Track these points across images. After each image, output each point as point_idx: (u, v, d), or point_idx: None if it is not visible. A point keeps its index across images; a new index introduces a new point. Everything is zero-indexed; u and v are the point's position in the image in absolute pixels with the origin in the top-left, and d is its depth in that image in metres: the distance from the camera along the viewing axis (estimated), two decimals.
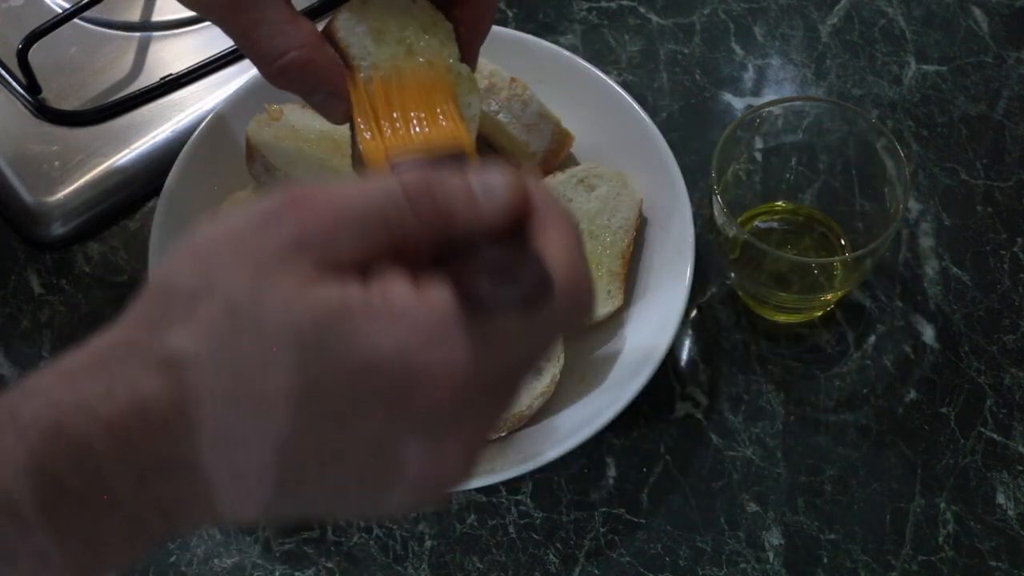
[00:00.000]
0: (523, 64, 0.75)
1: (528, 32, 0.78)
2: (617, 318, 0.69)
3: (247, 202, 0.36)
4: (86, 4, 0.79)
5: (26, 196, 0.75)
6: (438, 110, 0.51)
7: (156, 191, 0.72)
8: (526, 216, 0.37)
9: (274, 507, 0.36)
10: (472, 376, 0.34)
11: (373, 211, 0.35)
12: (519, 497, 0.66)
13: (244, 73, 0.79)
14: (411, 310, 0.34)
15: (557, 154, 0.73)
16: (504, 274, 0.35)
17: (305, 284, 0.33)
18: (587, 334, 0.69)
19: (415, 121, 0.50)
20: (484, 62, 0.70)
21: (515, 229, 0.37)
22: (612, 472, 0.67)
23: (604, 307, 0.68)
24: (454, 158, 0.43)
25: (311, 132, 0.71)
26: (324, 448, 0.34)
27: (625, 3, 0.85)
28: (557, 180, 0.71)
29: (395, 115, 0.50)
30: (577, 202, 0.70)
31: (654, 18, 0.85)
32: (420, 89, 0.51)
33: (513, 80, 0.70)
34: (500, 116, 0.70)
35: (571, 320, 0.37)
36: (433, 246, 0.36)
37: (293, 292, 0.33)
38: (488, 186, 0.37)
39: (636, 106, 0.73)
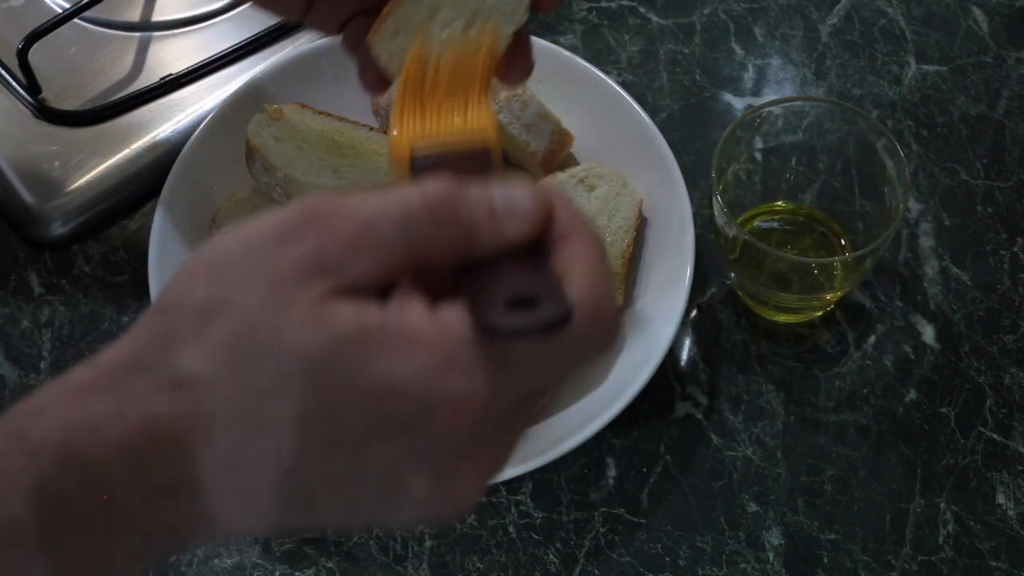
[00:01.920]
0: None
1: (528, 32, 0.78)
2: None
3: (262, 213, 0.35)
4: (86, 4, 0.79)
5: (26, 196, 0.75)
6: (471, 98, 0.48)
7: (156, 191, 0.72)
8: (548, 230, 0.36)
9: (283, 523, 0.35)
10: (488, 403, 0.34)
11: (393, 228, 0.34)
12: (519, 497, 0.66)
13: (244, 73, 0.79)
14: (428, 336, 0.33)
15: (557, 154, 0.73)
16: (522, 301, 0.34)
17: (322, 305, 0.33)
18: None
19: (446, 112, 0.48)
20: None
21: (537, 244, 0.36)
22: (612, 472, 0.67)
23: None
24: (478, 155, 0.43)
25: (311, 132, 0.71)
26: (337, 472, 0.34)
27: (625, 3, 0.85)
28: (557, 180, 0.71)
29: (427, 103, 0.48)
30: (577, 202, 0.70)
31: (654, 18, 0.85)
32: (458, 73, 0.49)
33: None
34: (500, 116, 0.70)
35: (593, 346, 0.36)
36: (454, 261, 0.35)
37: (310, 314, 0.33)
38: (510, 201, 0.36)
39: (636, 106, 0.73)
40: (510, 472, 0.62)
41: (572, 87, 0.74)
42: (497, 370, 0.34)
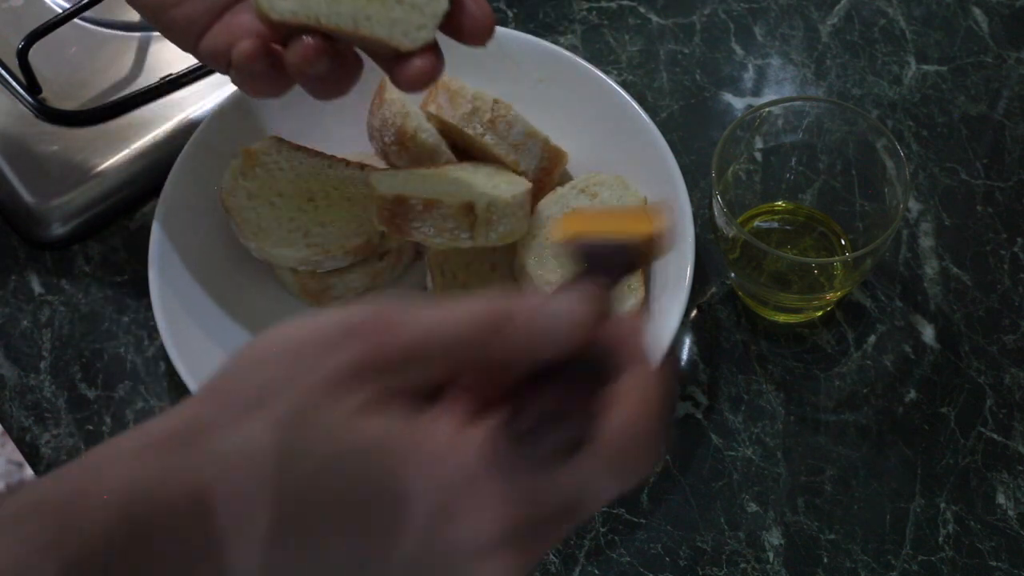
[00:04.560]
0: (523, 64, 0.75)
1: (528, 32, 0.78)
2: None
3: (334, 310, 0.38)
4: (86, 4, 0.79)
5: (26, 196, 0.75)
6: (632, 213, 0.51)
7: (156, 191, 0.72)
8: (616, 356, 0.38)
9: None
10: (500, 520, 0.36)
11: (455, 339, 0.37)
12: None
13: None
14: (449, 453, 0.36)
15: (550, 172, 0.72)
16: (545, 424, 0.36)
17: (355, 414, 0.35)
18: None
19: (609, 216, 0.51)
20: (466, 84, 0.69)
21: (604, 365, 0.38)
22: None
23: (628, 301, 0.67)
24: (630, 246, 0.44)
25: (285, 181, 0.70)
26: (354, 559, 0.36)
27: (625, 3, 0.85)
28: (558, 194, 0.71)
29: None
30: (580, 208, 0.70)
31: (654, 18, 0.85)
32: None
33: (496, 101, 0.69)
34: (486, 138, 0.70)
35: (620, 477, 0.38)
36: (521, 369, 0.37)
37: (341, 421, 0.35)
38: (569, 313, 0.37)
39: (636, 106, 0.73)
40: None
41: (572, 87, 0.74)
42: (511, 490, 0.36)
